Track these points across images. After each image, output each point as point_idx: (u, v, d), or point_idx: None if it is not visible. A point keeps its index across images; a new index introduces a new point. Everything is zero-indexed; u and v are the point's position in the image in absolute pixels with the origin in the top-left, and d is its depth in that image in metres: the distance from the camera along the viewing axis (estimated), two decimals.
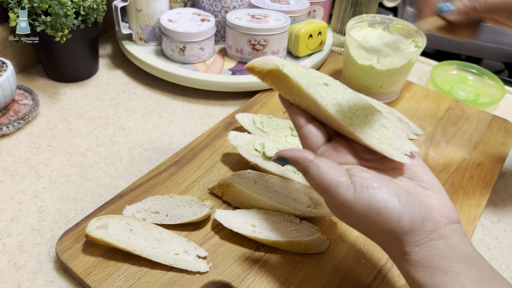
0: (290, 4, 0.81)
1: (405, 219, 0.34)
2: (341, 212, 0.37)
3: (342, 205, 0.35)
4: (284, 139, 0.60)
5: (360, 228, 0.37)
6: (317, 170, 0.36)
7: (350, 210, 0.35)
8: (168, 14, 0.76)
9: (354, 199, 0.34)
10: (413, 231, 0.34)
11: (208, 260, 0.46)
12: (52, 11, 0.64)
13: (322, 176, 0.36)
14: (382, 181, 0.35)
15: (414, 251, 0.35)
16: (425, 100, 0.75)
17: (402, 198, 0.35)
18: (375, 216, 0.34)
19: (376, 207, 0.34)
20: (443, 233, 0.35)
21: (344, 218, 0.37)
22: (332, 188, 0.35)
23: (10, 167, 0.59)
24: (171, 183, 0.55)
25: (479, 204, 0.56)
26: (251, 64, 0.41)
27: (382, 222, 0.34)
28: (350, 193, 0.35)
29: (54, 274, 0.47)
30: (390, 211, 0.34)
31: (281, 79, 0.39)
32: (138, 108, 0.71)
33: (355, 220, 0.36)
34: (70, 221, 0.52)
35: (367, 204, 0.34)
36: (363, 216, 0.35)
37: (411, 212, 0.34)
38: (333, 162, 0.37)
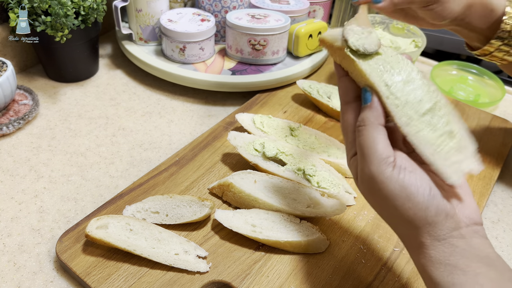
0: (290, 4, 0.81)
1: (431, 210, 0.34)
2: (371, 186, 0.36)
3: (377, 178, 0.35)
4: (284, 139, 0.60)
5: (384, 209, 0.37)
6: (376, 134, 0.36)
7: (382, 186, 0.35)
8: (168, 14, 0.76)
9: (390, 177, 0.34)
10: (436, 223, 0.34)
11: (208, 260, 0.46)
12: (52, 11, 0.64)
13: (375, 142, 0.35)
14: (418, 169, 0.35)
15: (434, 245, 0.34)
16: None
17: (433, 189, 0.35)
18: (404, 199, 0.34)
19: (408, 191, 0.34)
20: (464, 232, 0.34)
21: (371, 195, 0.37)
22: (377, 158, 0.35)
23: (10, 167, 0.59)
24: (171, 183, 0.55)
25: (479, 204, 0.56)
26: (323, 37, 0.40)
27: (409, 207, 0.34)
28: (389, 170, 0.35)
29: (54, 274, 0.47)
30: (420, 198, 0.34)
31: (348, 58, 0.37)
32: (138, 108, 0.71)
33: (383, 199, 0.35)
34: (70, 221, 0.52)
35: (400, 186, 0.34)
36: (393, 197, 0.35)
37: (438, 205, 0.34)
38: (388, 139, 0.37)
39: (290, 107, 0.71)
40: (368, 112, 0.36)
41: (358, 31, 0.38)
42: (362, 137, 0.36)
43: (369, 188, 0.36)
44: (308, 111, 0.70)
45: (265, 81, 0.73)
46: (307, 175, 0.54)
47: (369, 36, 0.38)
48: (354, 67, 0.37)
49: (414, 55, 0.68)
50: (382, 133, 0.36)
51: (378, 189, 0.35)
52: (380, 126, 0.36)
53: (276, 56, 0.77)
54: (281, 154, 0.56)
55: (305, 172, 0.54)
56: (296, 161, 0.56)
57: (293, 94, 0.74)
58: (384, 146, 0.35)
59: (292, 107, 0.71)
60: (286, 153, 0.56)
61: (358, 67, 0.37)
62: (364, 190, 0.37)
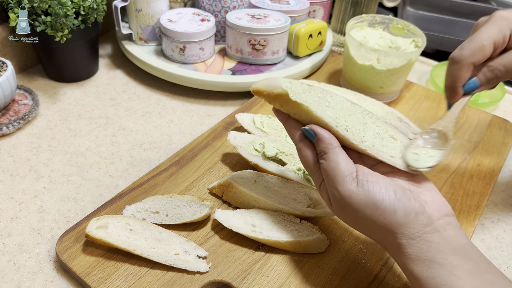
0: (290, 4, 0.81)
1: (400, 212, 0.36)
2: (341, 204, 0.38)
3: (345, 195, 0.38)
4: (284, 139, 0.60)
5: (358, 222, 0.39)
6: (336, 157, 0.39)
7: (350, 200, 0.37)
8: (168, 14, 0.76)
9: (356, 191, 0.37)
10: (407, 223, 0.36)
11: (208, 260, 0.46)
12: (52, 11, 0.64)
13: (337, 163, 0.38)
14: (380, 178, 0.38)
15: (410, 244, 0.36)
16: (425, 100, 0.75)
17: (397, 192, 0.37)
18: (373, 207, 0.37)
19: (374, 199, 0.37)
20: (437, 226, 0.36)
21: (344, 212, 0.39)
22: (341, 176, 0.38)
23: (10, 167, 0.59)
24: (171, 183, 0.55)
25: (479, 204, 0.56)
26: (257, 88, 0.42)
27: (379, 214, 0.37)
28: (353, 185, 0.37)
29: (54, 274, 0.47)
30: (386, 203, 0.37)
31: (290, 102, 0.41)
32: (138, 108, 0.71)
33: (353, 212, 0.38)
34: (70, 221, 0.52)
35: (366, 196, 0.37)
36: (361, 208, 0.37)
37: (405, 206, 0.37)
38: (347, 156, 0.40)
39: None
40: (321, 143, 0.40)
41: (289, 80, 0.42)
42: (325, 163, 0.39)
43: (340, 206, 0.39)
44: None
45: None
46: (307, 175, 0.54)
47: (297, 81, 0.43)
48: (299, 107, 0.41)
49: (414, 55, 0.68)
50: (341, 154, 0.39)
51: (348, 204, 0.38)
52: (337, 148, 0.40)
53: (276, 56, 0.77)
54: (281, 154, 0.56)
55: (305, 172, 0.54)
56: (296, 161, 0.56)
57: None
58: (345, 164, 0.39)
59: None
60: (286, 153, 0.56)
61: (305, 107, 0.40)
62: (337, 210, 0.40)
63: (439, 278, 0.35)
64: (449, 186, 0.58)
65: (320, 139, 0.40)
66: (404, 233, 0.36)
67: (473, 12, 1.02)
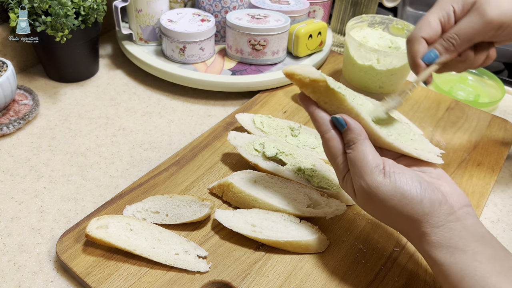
0: (290, 4, 0.81)
1: (426, 202, 0.38)
2: (368, 195, 0.40)
3: (372, 185, 0.39)
4: (284, 139, 0.60)
5: (384, 213, 0.40)
6: (364, 148, 0.40)
7: (377, 191, 0.39)
8: (168, 14, 0.76)
9: (383, 182, 0.39)
10: (432, 213, 0.38)
11: (208, 260, 0.46)
12: (52, 11, 0.64)
13: (365, 154, 0.40)
14: (405, 169, 0.40)
15: (434, 232, 0.38)
16: (425, 100, 0.75)
17: (422, 183, 0.39)
18: (400, 197, 0.38)
19: (401, 190, 0.38)
20: (458, 215, 0.38)
21: (370, 203, 0.40)
22: (369, 167, 0.39)
23: (10, 167, 0.59)
24: (171, 183, 0.55)
25: (479, 204, 0.56)
26: (291, 71, 0.42)
27: (405, 203, 0.38)
28: (380, 176, 0.39)
29: (54, 274, 0.47)
30: (413, 194, 0.38)
31: (324, 90, 0.41)
32: (138, 108, 0.72)
33: (381, 203, 0.39)
34: (70, 221, 0.52)
35: (393, 187, 0.38)
36: (389, 198, 0.38)
37: (430, 196, 0.38)
38: (375, 149, 0.41)
39: (290, 107, 0.71)
40: (350, 133, 0.41)
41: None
42: (353, 153, 0.40)
43: (366, 197, 0.40)
44: None
45: (265, 81, 0.73)
46: (307, 175, 0.54)
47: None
48: (334, 96, 0.41)
49: None
50: (369, 146, 0.41)
51: (375, 195, 0.39)
52: (366, 140, 0.41)
53: (276, 56, 0.77)
54: (281, 154, 0.56)
55: (305, 172, 0.54)
56: (296, 161, 0.56)
57: (293, 94, 0.74)
58: (373, 156, 0.40)
59: (292, 107, 0.71)
60: (286, 153, 0.56)
61: (340, 96, 0.41)
62: (363, 201, 0.41)
63: (462, 263, 0.36)
64: None
65: (350, 129, 0.41)
66: (429, 222, 0.38)
67: None
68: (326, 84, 0.40)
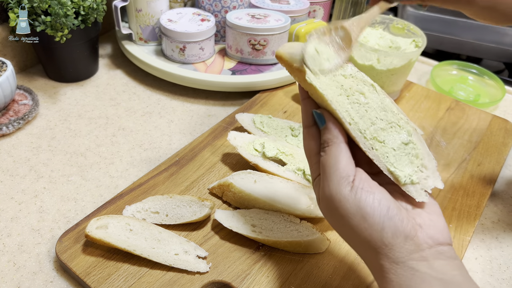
0: (290, 4, 0.81)
1: (388, 231, 0.33)
2: (329, 205, 0.35)
3: (335, 197, 0.34)
4: (284, 139, 0.60)
5: (342, 230, 0.36)
6: (337, 153, 0.35)
7: (339, 205, 0.34)
8: (168, 14, 0.76)
9: (347, 196, 0.34)
10: (393, 246, 0.33)
11: (208, 260, 0.46)
12: (52, 11, 0.64)
13: (337, 160, 0.35)
14: (377, 189, 0.35)
15: (393, 268, 0.33)
16: (425, 100, 0.75)
17: (391, 210, 0.34)
18: (360, 219, 0.34)
19: (364, 211, 0.33)
20: (426, 254, 0.33)
21: (330, 214, 0.36)
22: (337, 176, 0.35)
23: (10, 167, 0.59)
24: (171, 183, 0.55)
25: (479, 204, 0.56)
26: (279, 53, 0.38)
27: (365, 228, 0.33)
28: (347, 189, 0.34)
29: (54, 274, 0.46)
30: (376, 219, 0.33)
31: (306, 82, 0.36)
32: (138, 108, 0.71)
33: (340, 218, 0.35)
34: (70, 221, 0.52)
35: (356, 205, 0.34)
36: (349, 216, 0.34)
37: (395, 226, 0.33)
38: (351, 157, 0.36)
39: (290, 107, 0.71)
40: (327, 133, 0.36)
41: (321, 49, 0.37)
42: (325, 157, 0.36)
43: (327, 207, 0.36)
44: None
45: (265, 81, 0.73)
46: (307, 175, 0.54)
47: (333, 56, 0.37)
48: (315, 92, 0.37)
49: (414, 55, 0.68)
50: (344, 151, 0.36)
51: (335, 208, 0.35)
52: (342, 144, 0.36)
53: None
54: (281, 154, 0.56)
55: (305, 172, 0.54)
56: (296, 161, 0.56)
57: (293, 94, 0.74)
58: (345, 164, 0.35)
59: (292, 107, 0.71)
60: (286, 153, 0.56)
61: (320, 94, 0.36)
62: (324, 209, 0.37)
63: None
64: (449, 186, 0.58)
65: (327, 128, 0.36)
66: (388, 255, 0.33)
67: None
68: (305, 76, 0.35)
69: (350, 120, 0.36)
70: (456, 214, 0.54)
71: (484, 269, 0.51)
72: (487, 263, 0.51)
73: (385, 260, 0.33)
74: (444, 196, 0.57)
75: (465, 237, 0.51)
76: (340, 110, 0.36)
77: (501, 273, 0.50)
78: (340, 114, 0.36)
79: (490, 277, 0.50)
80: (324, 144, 0.37)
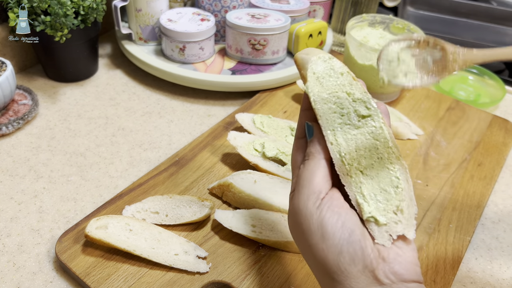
0: (290, 3, 0.81)
1: (345, 256, 0.30)
2: (294, 219, 0.34)
3: (301, 211, 0.33)
4: (284, 139, 0.60)
5: (302, 247, 0.34)
6: (316, 168, 0.34)
7: (302, 220, 0.33)
8: (167, 13, 0.76)
9: (311, 212, 0.32)
10: (349, 273, 0.30)
11: (208, 261, 0.46)
12: (51, 11, 0.64)
13: (313, 175, 0.34)
14: (346, 212, 0.32)
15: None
16: (426, 100, 0.75)
17: (354, 235, 0.31)
18: (319, 238, 0.31)
19: (324, 230, 0.31)
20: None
21: (293, 228, 0.35)
22: (308, 190, 0.33)
23: (10, 167, 0.59)
24: (170, 183, 0.55)
25: (480, 204, 0.56)
26: (295, 55, 0.37)
27: (322, 248, 0.31)
28: (314, 205, 0.32)
29: (54, 275, 0.46)
30: (335, 240, 0.31)
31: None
32: (138, 108, 0.71)
33: (301, 234, 0.33)
34: (69, 221, 0.52)
35: (318, 223, 0.32)
36: (309, 233, 0.32)
37: (354, 252, 0.30)
38: (328, 174, 0.34)
39: (290, 107, 0.71)
40: (311, 146, 0.35)
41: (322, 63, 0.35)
42: (303, 169, 0.34)
43: (292, 220, 0.34)
44: None
45: (265, 81, 0.73)
46: None
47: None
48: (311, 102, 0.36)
49: None
50: (322, 167, 0.34)
51: (299, 222, 0.33)
52: (322, 160, 0.34)
53: (276, 56, 0.77)
54: (281, 154, 0.56)
55: None
56: None
57: (293, 94, 0.74)
58: (319, 180, 0.33)
59: (292, 107, 0.71)
60: (286, 153, 0.56)
61: (312, 105, 0.35)
62: (289, 223, 0.35)
63: None
64: (449, 186, 0.58)
65: (312, 142, 0.35)
66: (343, 284, 0.30)
67: (473, 12, 1.02)
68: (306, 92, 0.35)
69: (333, 140, 0.34)
70: (456, 214, 0.54)
71: (484, 269, 0.51)
72: (488, 263, 0.51)
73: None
74: (444, 196, 0.56)
75: (465, 237, 0.51)
76: (325, 127, 0.34)
77: (502, 273, 0.50)
78: (324, 131, 0.34)
79: (491, 277, 0.50)
80: (305, 157, 0.35)
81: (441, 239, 0.51)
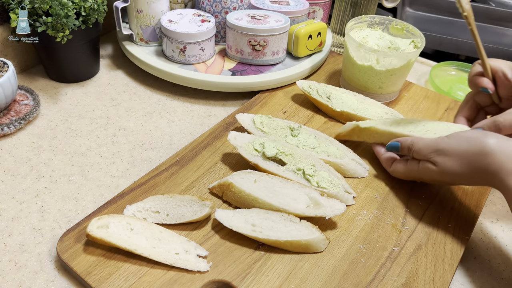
0: (289, 5, 0.81)
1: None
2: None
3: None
4: (284, 139, 0.61)
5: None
6: (418, 140, 0.53)
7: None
8: (168, 15, 0.76)
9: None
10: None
11: (208, 260, 0.47)
12: (53, 11, 0.64)
13: (425, 140, 0.52)
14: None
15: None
16: (424, 100, 0.75)
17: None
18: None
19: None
20: None
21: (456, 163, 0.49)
22: (432, 141, 0.51)
23: (11, 167, 0.59)
24: (171, 183, 0.55)
25: (478, 203, 0.56)
26: (337, 133, 0.63)
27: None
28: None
29: (55, 274, 0.47)
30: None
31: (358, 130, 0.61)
32: (139, 108, 0.72)
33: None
34: (71, 220, 0.53)
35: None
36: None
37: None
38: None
39: (290, 107, 0.71)
40: (404, 145, 0.55)
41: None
42: (417, 145, 0.53)
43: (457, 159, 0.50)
44: (308, 111, 0.70)
45: (265, 81, 0.73)
46: (307, 175, 0.54)
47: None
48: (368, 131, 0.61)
49: (413, 55, 0.69)
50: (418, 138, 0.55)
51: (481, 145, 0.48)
52: (410, 138, 0.55)
53: (276, 56, 0.77)
54: (281, 154, 0.56)
55: (305, 172, 0.55)
56: (296, 161, 0.56)
57: (293, 94, 0.74)
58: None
59: (292, 107, 0.71)
60: (286, 153, 0.57)
61: (374, 129, 0.61)
62: (453, 163, 0.49)
63: None
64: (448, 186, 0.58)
65: (402, 143, 0.55)
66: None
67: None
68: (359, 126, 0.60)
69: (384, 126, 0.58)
70: (455, 214, 0.54)
71: (482, 269, 0.51)
72: (486, 263, 0.52)
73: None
74: (443, 196, 0.57)
75: (464, 236, 0.52)
76: (383, 128, 0.60)
77: (500, 272, 0.51)
78: (395, 131, 0.59)
79: (489, 276, 0.50)
80: (410, 148, 0.54)
81: (440, 238, 0.51)
